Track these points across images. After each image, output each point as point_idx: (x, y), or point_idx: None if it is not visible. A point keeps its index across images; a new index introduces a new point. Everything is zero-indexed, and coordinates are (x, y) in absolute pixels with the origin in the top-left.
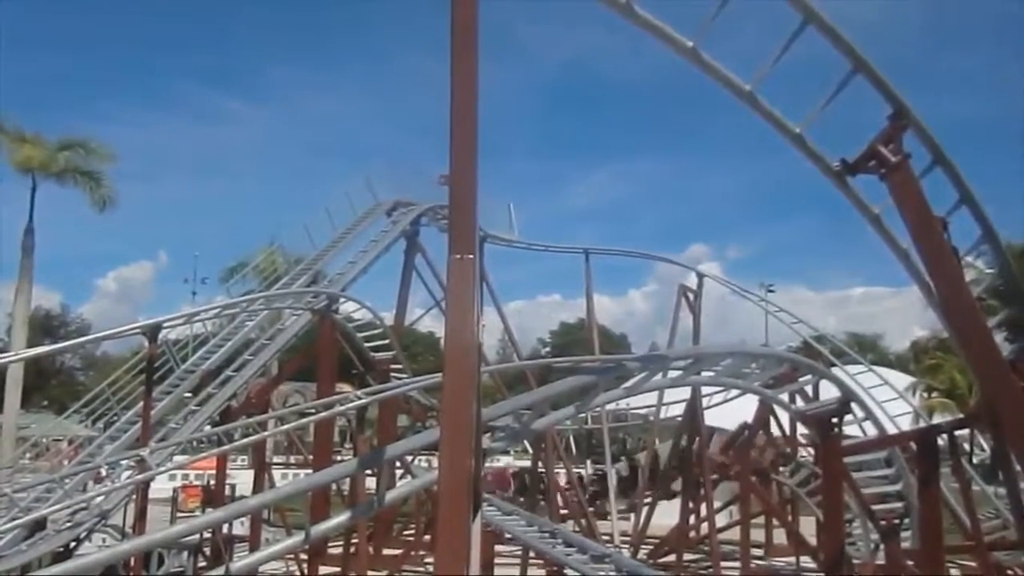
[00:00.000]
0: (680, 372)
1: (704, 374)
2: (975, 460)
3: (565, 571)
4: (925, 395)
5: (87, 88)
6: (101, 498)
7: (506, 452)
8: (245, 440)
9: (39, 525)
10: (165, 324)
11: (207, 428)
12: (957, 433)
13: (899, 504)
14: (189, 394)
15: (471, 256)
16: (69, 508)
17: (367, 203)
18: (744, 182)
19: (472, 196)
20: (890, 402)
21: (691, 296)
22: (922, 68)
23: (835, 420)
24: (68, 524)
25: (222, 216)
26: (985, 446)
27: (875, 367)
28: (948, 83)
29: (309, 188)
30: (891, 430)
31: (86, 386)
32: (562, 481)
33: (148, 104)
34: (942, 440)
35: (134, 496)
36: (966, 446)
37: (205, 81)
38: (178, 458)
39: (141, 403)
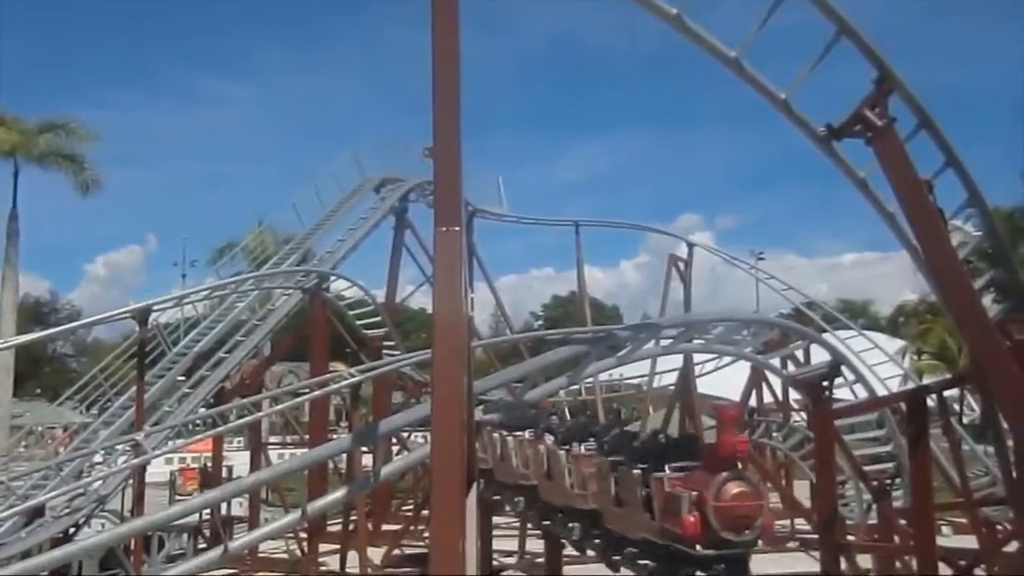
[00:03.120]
0: (671, 340)
1: (695, 342)
2: (965, 420)
3: (562, 540)
4: (915, 358)
5: (72, 72)
6: (98, 483)
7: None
8: (240, 421)
9: (37, 512)
10: (155, 307)
11: (201, 410)
12: (946, 394)
13: (890, 464)
14: (182, 377)
15: (457, 228)
16: (67, 494)
17: (355, 181)
18: (735, 151)
19: (456, 168)
20: (880, 365)
21: (681, 266)
22: (910, 36)
23: (826, 384)
24: (66, 510)
25: (210, 198)
26: (975, 406)
27: (865, 331)
28: (936, 51)
29: (297, 167)
30: (882, 393)
31: (78, 372)
32: None
33: (134, 87)
34: (931, 401)
35: (131, 480)
36: (956, 407)
37: (191, 62)
38: (173, 441)
39: (134, 388)
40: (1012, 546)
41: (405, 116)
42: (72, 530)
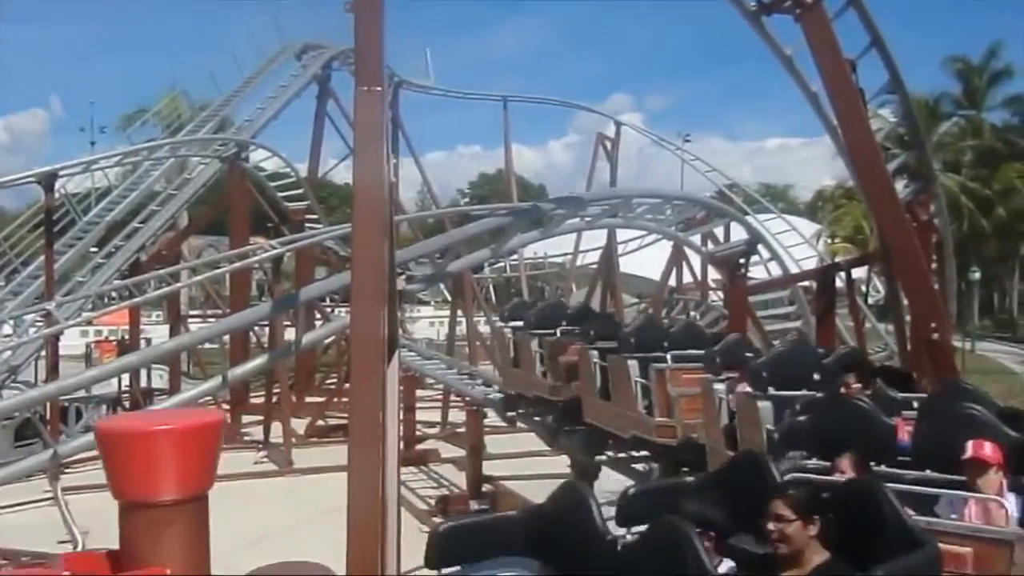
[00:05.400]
0: (595, 217)
1: (619, 217)
2: (870, 301)
3: (484, 410)
4: (829, 241)
5: None
6: (8, 353)
7: (426, 303)
8: (158, 292)
9: None
10: (62, 172)
11: (116, 282)
12: (856, 276)
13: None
14: (94, 248)
15: (379, 88)
16: None
17: (275, 46)
18: (668, 30)
19: (379, 23)
20: (796, 247)
21: (609, 145)
22: None
23: (742, 261)
24: None
25: (117, 59)
26: (881, 288)
27: (785, 215)
28: None
29: (211, 27)
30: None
31: None
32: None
33: None
34: (841, 281)
35: (44, 351)
36: (863, 288)
37: None
38: (88, 314)
39: (42, 257)
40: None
41: None
42: None
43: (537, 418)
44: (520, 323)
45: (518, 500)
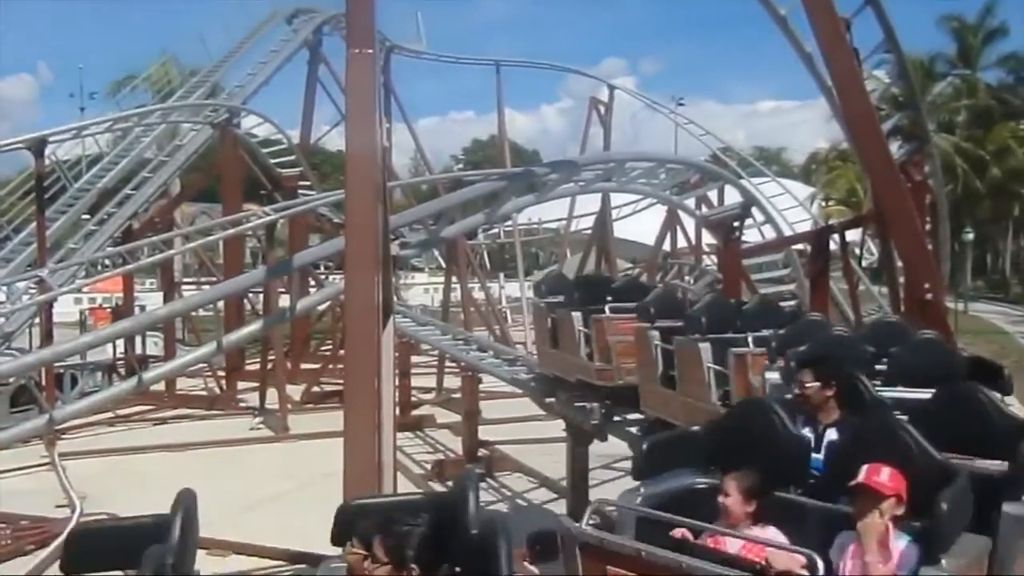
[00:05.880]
0: (588, 181)
1: (613, 181)
2: (864, 263)
3: (479, 375)
4: (823, 204)
5: None
6: (1, 320)
7: (420, 269)
8: (152, 259)
9: None
10: (51, 138)
11: (108, 249)
12: (850, 239)
13: (793, 302)
14: (86, 216)
15: (370, 50)
16: None
17: (265, 9)
18: None
19: None
20: (790, 210)
21: (602, 109)
22: None
23: (736, 224)
24: None
25: (107, 24)
26: (875, 251)
27: (778, 178)
28: None
29: None
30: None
31: None
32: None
33: None
34: (834, 244)
35: (38, 318)
36: (857, 251)
37: None
38: (81, 281)
39: (33, 224)
40: None
41: None
42: None
43: (580, 405)
44: (560, 298)
45: (512, 464)
